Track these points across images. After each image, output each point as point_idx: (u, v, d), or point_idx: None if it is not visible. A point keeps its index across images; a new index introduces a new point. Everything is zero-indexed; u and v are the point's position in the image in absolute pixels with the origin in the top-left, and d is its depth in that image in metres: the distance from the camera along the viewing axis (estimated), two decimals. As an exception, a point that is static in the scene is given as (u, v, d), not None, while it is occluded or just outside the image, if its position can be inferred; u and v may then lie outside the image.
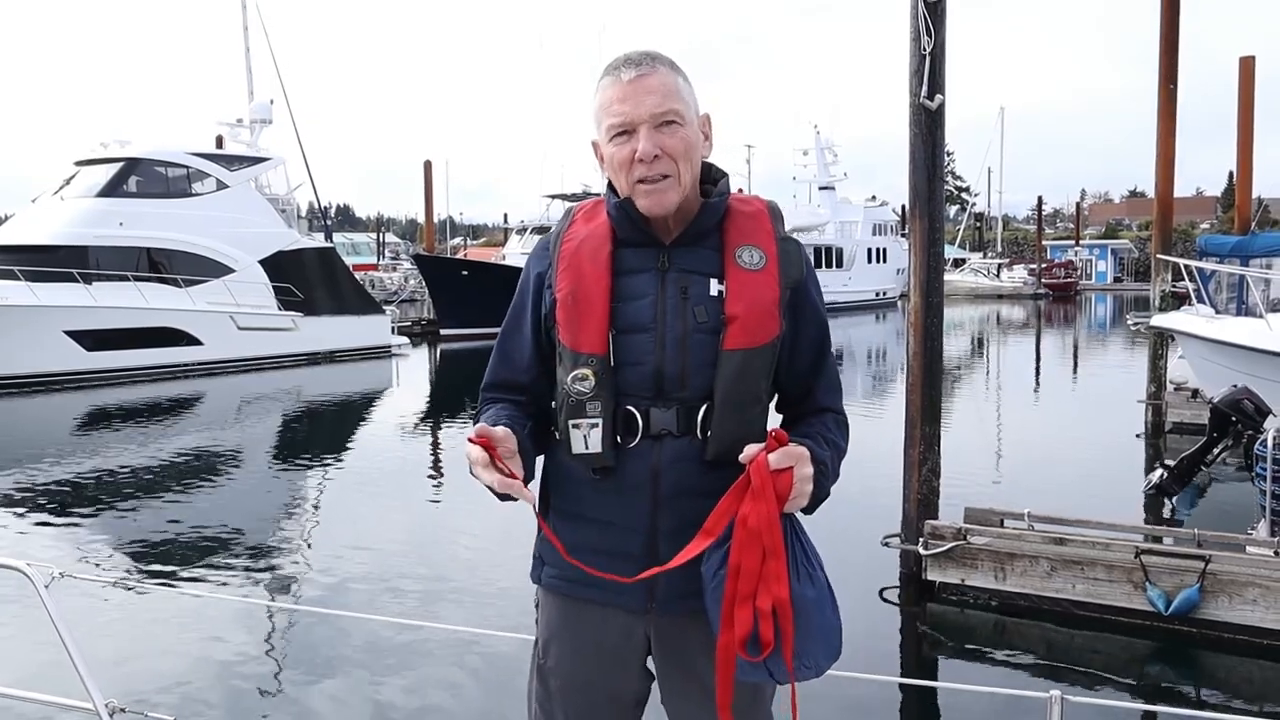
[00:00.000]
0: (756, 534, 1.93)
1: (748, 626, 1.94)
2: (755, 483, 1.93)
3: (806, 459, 1.96)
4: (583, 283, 2.08)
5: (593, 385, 2.03)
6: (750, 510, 1.93)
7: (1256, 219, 19.49)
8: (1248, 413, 8.37)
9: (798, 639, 1.96)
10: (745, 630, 1.94)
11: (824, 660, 2.03)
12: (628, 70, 2.03)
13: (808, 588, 1.98)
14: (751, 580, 1.94)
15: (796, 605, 1.95)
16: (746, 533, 1.93)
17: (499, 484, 1.93)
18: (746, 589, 1.94)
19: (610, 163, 2.07)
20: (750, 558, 1.93)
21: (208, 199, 25.58)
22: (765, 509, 1.92)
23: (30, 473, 12.55)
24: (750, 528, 1.93)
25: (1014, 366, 27.07)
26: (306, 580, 8.27)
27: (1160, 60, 14.38)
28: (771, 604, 1.94)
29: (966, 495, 8.64)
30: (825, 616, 2.01)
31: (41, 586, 3.15)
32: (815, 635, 1.99)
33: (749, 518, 1.93)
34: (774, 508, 1.93)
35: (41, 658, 5.84)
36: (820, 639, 2.00)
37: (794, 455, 1.95)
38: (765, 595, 1.94)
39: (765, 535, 1.93)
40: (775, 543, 1.94)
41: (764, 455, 1.94)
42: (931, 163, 7.40)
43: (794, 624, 1.94)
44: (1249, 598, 6.32)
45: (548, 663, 2.24)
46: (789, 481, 1.93)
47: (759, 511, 1.93)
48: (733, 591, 1.95)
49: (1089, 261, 69.46)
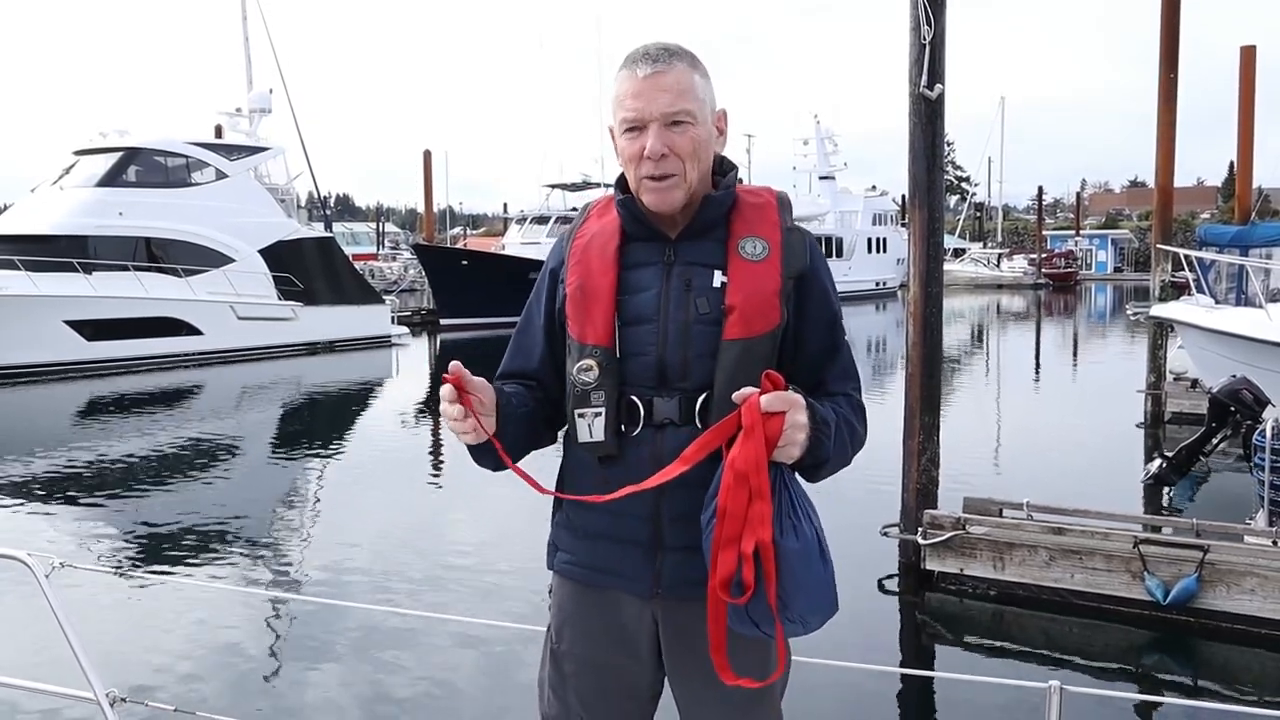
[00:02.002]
0: (743, 476, 1.89)
1: (730, 568, 1.91)
2: (745, 422, 1.89)
3: (801, 407, 1.92)
4: (590, 277, 2.13)
5: (597, 375, 2.07)
6: (738, 452, 1.90)
7: (1257, 209, 19.49)
8: (1246, 403, 8.38)
9: (781, 590, 1.92)
10: (728, 572, 1.91)
11: (811, 615, 2.00)
12: (644, 66, 2.05)
13: (790, 539, 1.93)
14: (736, 523, 1.90)
15: (778, 556, 1.91)
16: (734, 475, 1.90)
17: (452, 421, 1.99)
18: (731, 531, 1.91)
19: (622, 155, 2.12)
20: (736, 500, 1.90)
21: (207, 189, 25.53)
22: (753, 450, 1.89)
23: (30, 462, 12.57)
24: (737, 470, 1.90)
25: (1013, 356, 27.07)
26: (307, 570, 8.28)
27: (1161, 47, 14.36)
28: (754, 547, 1.90)
29: (965, 485, 8.66)
30: (810, 570, 1.96)
31: (42, 576, 3.15)
32: (800, 589, 1.95)
33: (736, 459, 1.90)
34: (762, 449, 1.89)
35: (42, 647, 5.85)
36: (805, 593, 1.96)
37: (788, 400, 1.91)
38: (749, 538, 1.90)
39: (752, 477, 1.89)
40: (761, 484, 1.90)
41: (756, 396, 1.90)
42: (931, 152, 7.39)
43: (777, 574, 1.91)
44: (1247, 587, 6.33)
45: (561, 647, 2.26)
46: (779, 426, 1.89)
47: (746, 452, 1.89)
48: (719, 534, 1.92)
49: (1089, 251, 69.41)
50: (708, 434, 1.97)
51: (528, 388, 2.22)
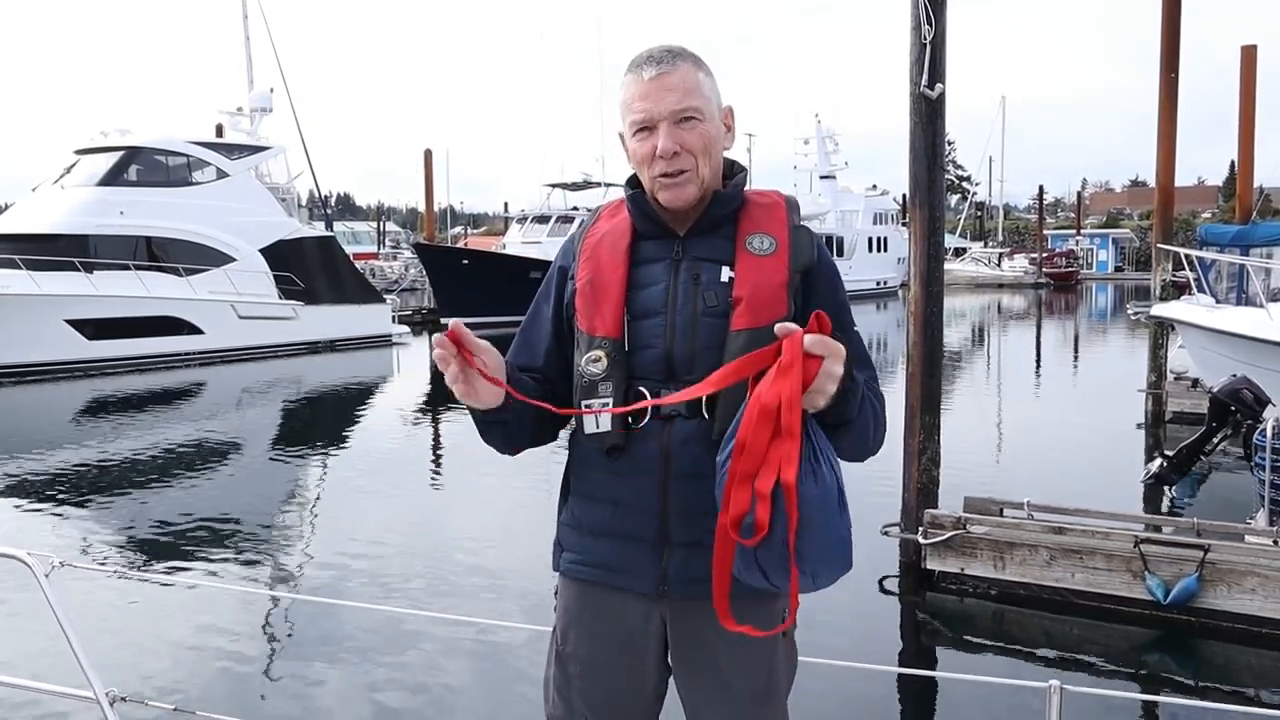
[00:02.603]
0: (770, 411, 1.82)
1: (743, 507, 1.83)
2: (785, 358, 1.81)
3: (841, 357, 1.84)
4: (600, 271, 2.16)
5: (605, 367, 2.09)
6: (769, 386, 1.83)
7: (1257, 208, 19.49)
8: (1247, 402, 8.36)
9: (795, 537, 1.85)
10: (740, 510, 1.83)
11: (823, 570, 1.94)
12: (649, 68, 2.09)
13: (809, 484, 1.86)
14: (755, 459, 1.83)
15: (798, 499, 1.84)
16: (760, 408, 1.83)
17: (451, 380, 1.94)
18: (748, 467, 1.83)
19: (634, 157, 2.14)
20: (758, 436, 1.83)
21: (208, 188, 25.53)
22: (789, 386, 1.80)
23: (31, 462, 12.57)
24: (764, 403, 1.82)
25: (1014, 356, 27.06)
26: (307, 569, 8.28)
27: (1162, 47, 14.35)
28: (772, 486, 1.82)
29: (966, 484, 8.65)
30: (827, 520, 1.90)
31: (42, 576, 3.16)
32: (814, 539, 1.88)
33: (765, 393, 1.83)
34: (798, 386, 1.80)
35: (42, 647, 5.86)
36: (819, 545, 1.90)
37: (830, 346, 1.83)
38: (767, 476, 1.82)
39: (785, 414, 1.81)
40: (792, 422, 1.81)
41: (801, 333, 1.81)
42: (932, 152, 7.38)
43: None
44: (1248, 587, 6.33)
45: (566, 648, 2.25)
46: (815, 369, 1.82)
47: (781, 388, 1.81)
48: (734, 469, 1.84)
49: (1090, 251, 69.32)
50: (739, 361, 1.91)
51: (535, 380, 2.23)
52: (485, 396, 1.99)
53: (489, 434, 2.16)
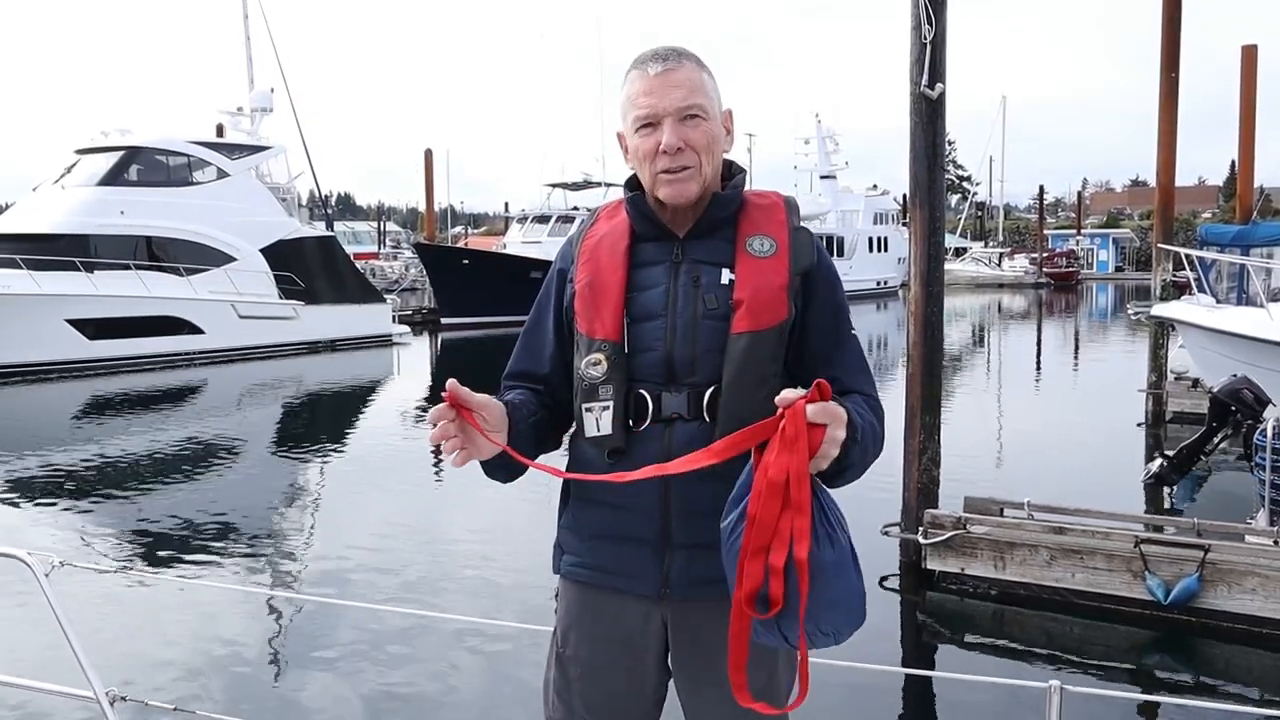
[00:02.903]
0: (778, 486, 1.82)
1: (757, 581, 1.84)
2: (789, 432, 1.81)
3: (843, 422, 1.85)
4: (600, 273, 2.15)
5: (605, 370, 2.08)
6: (776, 460, 1.82)
7: (1258, 208, 19.49)
8: (1247, 402, 8.36)
9: (815, 604, 1.85)
10: (754, 585, 1.84)
11: (845, 627, 1.95)
12: (655, 65, 2.09)
13: (827, 551, 1.87)
14: (766, 534, 1.83)
15: (814, 568, 1.84)
16: (768, 483, 1.83)
17: (443, 445, 1.96)
18: (760, 541, 1.84)
19: (635, 154, 2.13)
20: (768, 510, 1.83)
21: (208, 187, 25.53)
22: (796, 461, 1.81)
23: (31, 461, 12.57)
24: (771, 478, 1.82)
25: (1015, 356, 27.06)
26: (307, 569, 8.29)
27: (1162, 47, 14.33)
28: (785, 561, 1.83)
29: (966, 484, 8.65)
30: (847, 581, 1.92)
31: (42, 575, 3.15)
32: (836, 601, 1.90)
33: (771, 468, 1.82)
34: (804, 461, 1.81)
35: (41, 646, 5.85)
36: (841, 605, 1.92)
37: (832, 413, 1.83)
38: (780, 550, 1.83)
39: (793, 489, 1.82)
40: (802, 498, 1.82)
41: (803, 403, 1.81)
42: (932, 152, 7.38)
43: (811, 587, 1.84)
44: (1248, 587, 6.33)
45: (567, 651, 2.24)
46: (820, 438, 1.82)
47: (787, 462, 1.82)
48: (747, 543, 1.85)
49: (1090, 251, 69.29)
50: (742, 433, 1.91)
51: (535, 392, 2.22)
52: (485, 452, 2.03)
53: (492, 473, 2.18)
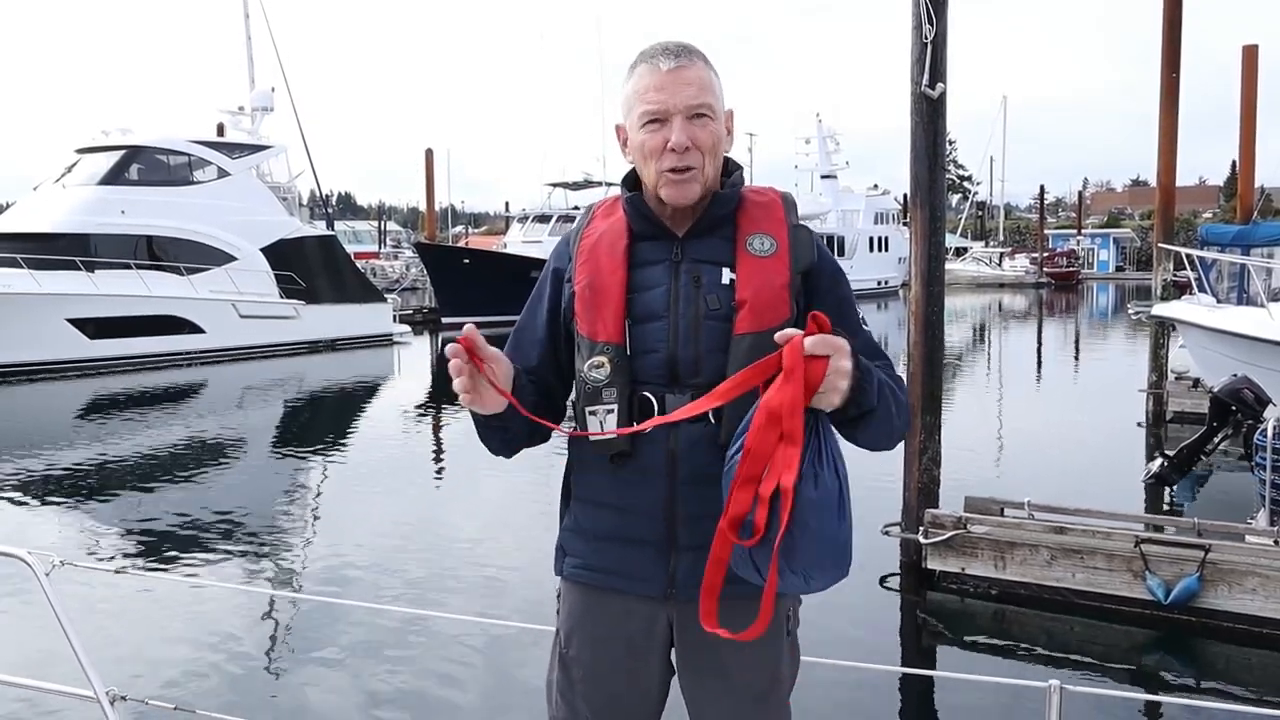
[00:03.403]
0: (776, 417, 1.84)
1: (743, 507, 1.86)
2: (786, 364, 1.83)
3: (846, 353, 1.85)
4: (599, 275, 2.12)
5: (608, 372, 2.06)
6: (774, 393, 1.84)
7: (1258, 208, 19.48)
8: (1248, 402, 8.35)
9: (789, 539, 1.84)
10: (740, 510, 1.86)
11: (817, 572, 1.92)
12: (666, 60, 2.05)
13: (808, 487, 1.85)
14: (759, 463, 1.85)
15: (794, 504, 1.84)
16: (766, 415, 1.85)
17: (460, 389, 1.93)
18: (752, 470, 1.86)
19: (639, 149, 2.09)
20: (763, 441, 1.85)
21: (209, 187, 25.55)
22: (791, 392, 1.82)
23: (32, 461, 12.57)
24: (770, 409, 1.84)
25: (1015, 355, 27.06)
26: (307, 568, 8.29)
27: (1163, 46, 14.32)
28: (773, 490, 1.83)
29: (967, 484, 8.65)
30: (823, 524, 1.87)
31: (42, 574, 3.16)
32: (810, 542, 1.86)
33: (771, 400, 1.85)
34: (799, 392, 1.82)
35: (42, 645, 5.86)
36: (814, 548, 1.88)
37: (832, 344, 1.83)
38: (770, 480, 1.84)
39: (785, 419, 1.83)
40: (794, 428, 1.83)
41: (800, 337, 1.83)
42: (933, 151, 7.38)
43: (789, 521, 1.83)
44: (1248, 587, 6.33)
45: (570, 652, 2.23)
46: (821, 371, 1.83)
47: (783, 394, 1.83)
48: (740, 472, 1.86)
49: (1091, 251, 69.30)
50: (745, 372, 1.91)
51: (534, 382, 2.21)
52: (489, 403, 1.99)
53: (488, 437, 2.15)
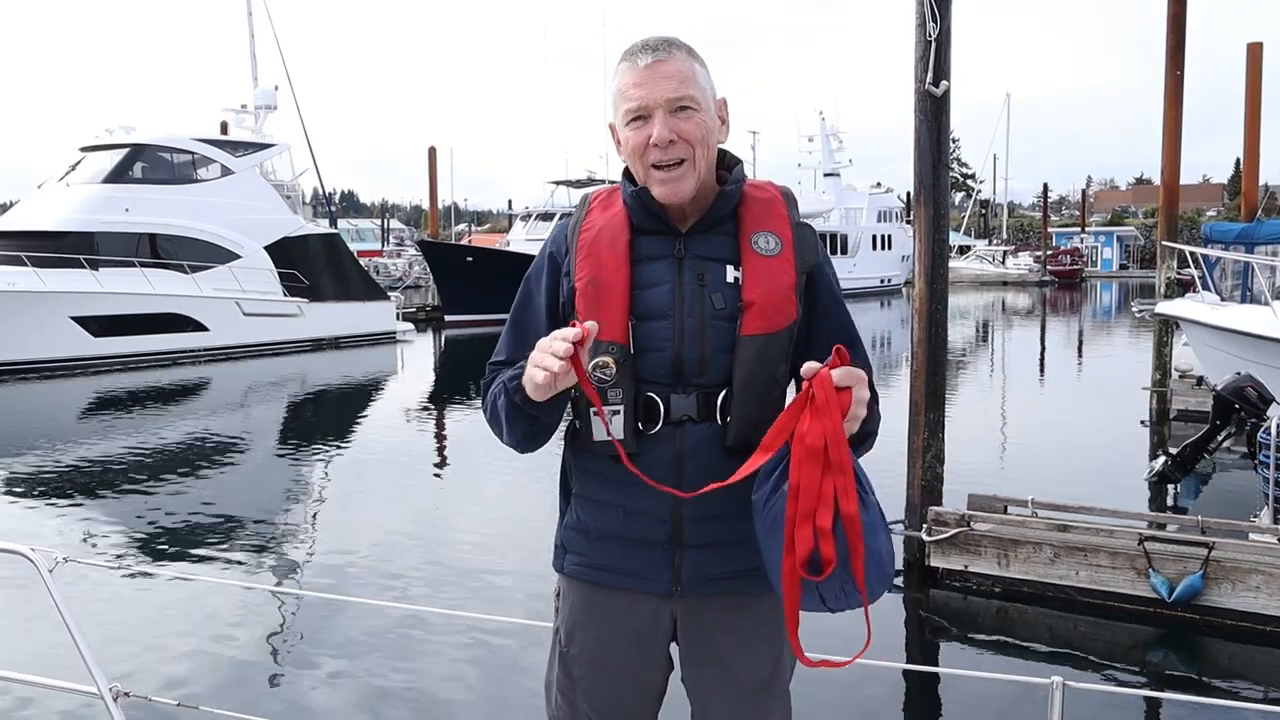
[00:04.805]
0: (816, 451, 1.85)
1: (809, 545, 1.86)
2: (820, 398, 1.86)
3: (865, 382, 1.91)
4: (603, 271, 2.08)
5: (613, 372, 2.02)
6: (811, 427, 1.86)
7: (1263, 206, 19.45)
8: (1251, 400, 8.35)
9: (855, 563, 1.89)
10: (806, 550, 1.86)
11: (878, 585, 1.97)
12: (644, 56, 2.04)
13: (862, 512, 1.90)
14: (811, 499, 1.86)
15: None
16: (805, 450, 1.85)
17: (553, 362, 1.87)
18: (807, 507, 1.86)
19: (626, 147, 2.09)
20: (810, 475, 1.86)
21: (213, 185, 25.57)
22: (831, 424, 1.85)
23: (36, 458, 12.59)
24: (809, 445, 1.85)
25: (1018, 353, 27.03)
26: (310, 565, 8.30)
27: (1167, 44, 14.29)
28: (831, 521, 1.86)
29: (970, 482, 8.65)
30: (879, 541, 1.95)
31: (45, 571, 3.16)
32: (872, 561, 1.92)
33: (807, 435, 1.86)
34: (839, 423, 1.85)
35: (45, 642, 5.87)
36: (876, 564, 1.94)
37: (854, 376, 1.88)
38: (825, 512, 1.86)
39: (832, 451, 1.85)
40: (843, 458, 1.87)
41: (827, 370, 1.87)
42: (936, 149, 7.37)
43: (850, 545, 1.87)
44: (1252, 585, 6.32)
45: (571, 650, 2.22)
46: (849, 400, 1.87)
47: (823, 426, 1.85)
48: (793, 512, 1.87)
49: (1094, 248, 69.16)
50: (783, 417, 1.92)
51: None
52: (547, 394, 1.95)
53: (518, 425, 2.08)
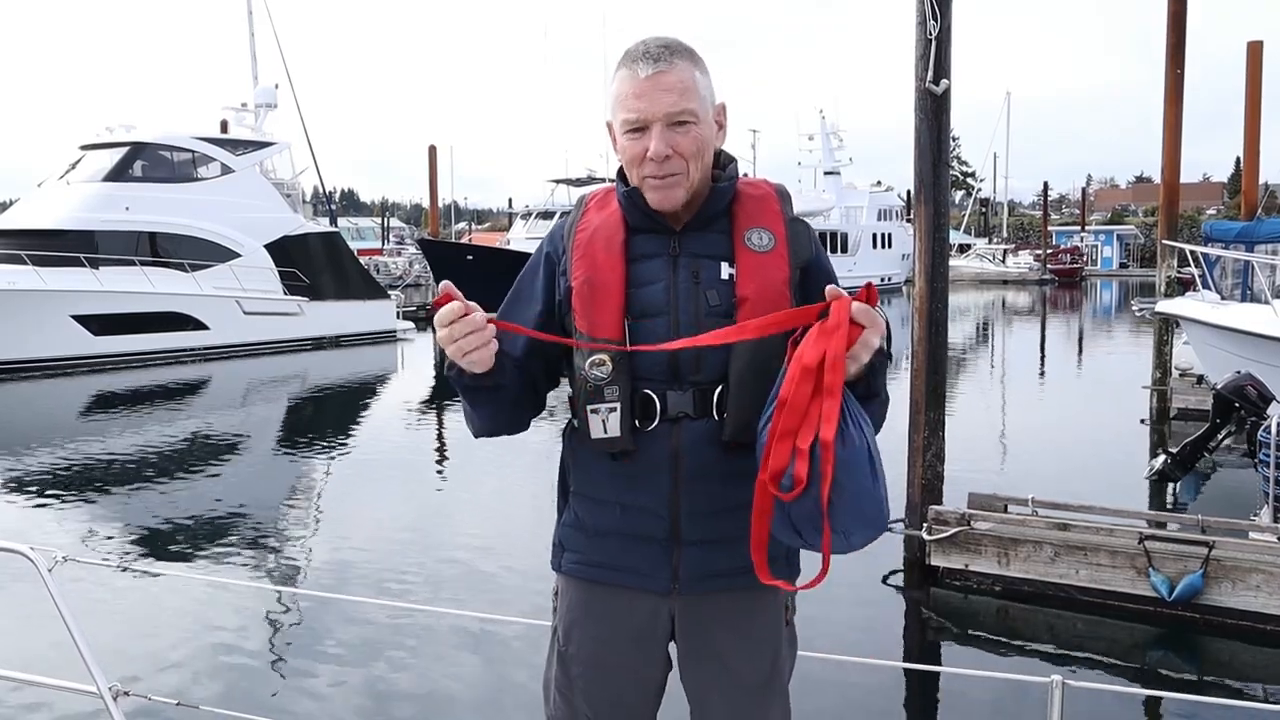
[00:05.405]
0: (811, 370, 1.84)
1: (783, 461, 1.85)
2: (832, 320, 1.85)
3: (882, 331, 1.90)
4: (598, 271, 2.09)
5: (610, 370, 2.03)
6: (812, 345, 1.85)
7: (1263, 205, 19.44)
8: (1251, 399, 8.35)
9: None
10: (780, 464, 1.85)
11: (855, 529, 1.93)
12: (645, 65, 2.02)
13: (838, 446, 1.85)
14: (796, 416, 1.84)
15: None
16: (800, 367, 1.85)
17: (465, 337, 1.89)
18: (790, 424, 1.85)
19: (623, 154, 2.10)
20: (800, 394, 1.84)
21: (213, 183, 25.56)
22: (834, 346, 1.83)
23: (35, 457, 12.60)
24: (805, 362, 1.84)
25: (1019, 352, 27.03)
26: (310, 565, 8.30)
27: (1167, 43, 14.28)
28: (811, 442, 1.83)
29: (970, 480, 8.64)
30: (856, 480, 1.89)
31: (45, 570, 3.16)
32: (845, 498, 1.87)
33: (808, 352, 1.85)
34: (843, 347, 1.83)
35: (45, 642, 5.86)
36: (850, 504, 1.89)
37: (874, 318, 1.87)
38: (807, 433, 1.83)
39: (828, 373, 1.83)
40: (835, 382, 1.84)
41: (849, 299, 1.86)
42: (937, 148, 7.36)
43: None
44: (1252, 584, 6.32)
45: (569, 649, 2.22)
46: (856, 337, 1.86)
47: (825, 347, 1.84)
48: (775, 426, 1.86)
49: (1095, 247, 69.12)
50: (781, 314, 1.93)
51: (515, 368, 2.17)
52: (488, 358, 1.95)
53: (477, 403, 2.11)
